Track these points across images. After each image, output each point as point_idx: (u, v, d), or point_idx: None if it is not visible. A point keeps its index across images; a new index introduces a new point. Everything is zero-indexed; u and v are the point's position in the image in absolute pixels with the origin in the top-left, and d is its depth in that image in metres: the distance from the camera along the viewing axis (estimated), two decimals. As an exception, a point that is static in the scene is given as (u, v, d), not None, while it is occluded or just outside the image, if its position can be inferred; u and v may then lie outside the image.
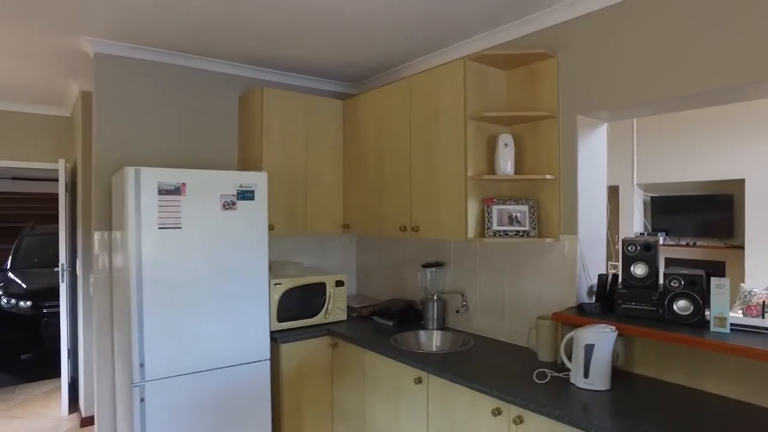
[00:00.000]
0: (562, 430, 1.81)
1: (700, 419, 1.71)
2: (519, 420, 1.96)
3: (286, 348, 2.88)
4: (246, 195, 2.55)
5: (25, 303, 5.29)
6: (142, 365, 2.30)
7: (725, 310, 1.89)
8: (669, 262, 6.03)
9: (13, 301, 5.31)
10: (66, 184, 4.10)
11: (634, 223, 6.04)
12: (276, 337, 2.86)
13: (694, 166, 5.35)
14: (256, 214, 2.60)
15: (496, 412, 2.04)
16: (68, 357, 3.99)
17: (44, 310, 5.31)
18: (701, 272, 2.01)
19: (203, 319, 2.47)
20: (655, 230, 6.06)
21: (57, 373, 5.09)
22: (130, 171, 2.27)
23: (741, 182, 4.99)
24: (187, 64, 3.15)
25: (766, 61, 1.79)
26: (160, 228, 2.33)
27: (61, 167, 3.96)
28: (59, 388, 4.63)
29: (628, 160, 5.89)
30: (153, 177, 2.31)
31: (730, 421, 1.69)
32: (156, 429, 2.34)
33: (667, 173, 5.60)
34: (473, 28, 2.69)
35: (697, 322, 1.98)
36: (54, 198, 9.07)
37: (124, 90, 2.98)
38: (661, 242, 5.61)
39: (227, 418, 2.56)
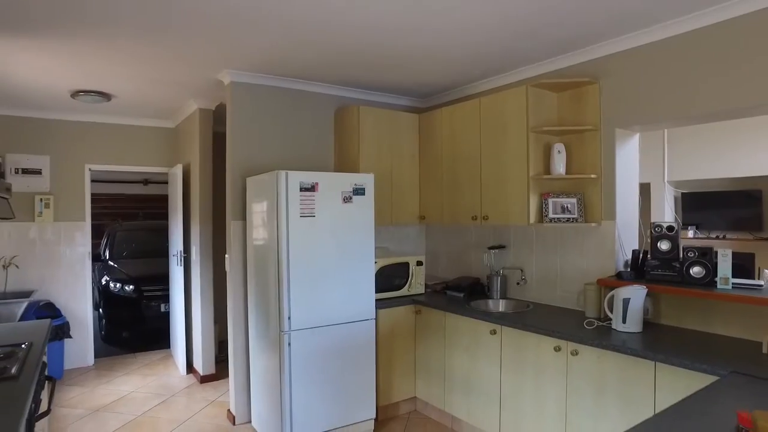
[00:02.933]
0: (607, 356, 2.55)
1: (710, 347, 2.43)
2: (575, 353, 2.70)
3: (381, 313, 3.66)
4: (359, 191, 3.34)
5: (129, 287, 6.20)
6: (289, 318, 3.10)
7: (728, 272, 2.60)
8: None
9: (119, 285, 6.23)
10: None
11: (666, 218, 6.52)
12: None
13: (724, 164, 5.66)
14: (366, 206, 3.39)
15: (557, 348, 2.79)
16: (184, 328, 4.83)
17: (144, 293, 6.20)
18: (711, 246, 2.71)
19: (328, 286, 3.27)
20: (686, 224, 6.29)
21: (160, 345, 5.99)
22: (282, 174, 3.07)
23: (770, 178, 5.47)
24: (297, 87, 3.96)
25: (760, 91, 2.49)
26: (301, 216, 3.13)
27: (179, 171, 4.80)
28: (170, 356, 5.51)
29: (659, 158, 6.25)
30: (296, 178, 3.11)
31: (731, 350, 2.41)
32: (298, 366, 3.15)
33: (697, 170, 5.92)
34: (532, 59, 3.42)
35: (708, 282, 2.68)
36: (119, 198, 10.09)
37: (251, 110, 3.80)
38: (691, 235, 6.04)
39: (344, 362, 3.35)
